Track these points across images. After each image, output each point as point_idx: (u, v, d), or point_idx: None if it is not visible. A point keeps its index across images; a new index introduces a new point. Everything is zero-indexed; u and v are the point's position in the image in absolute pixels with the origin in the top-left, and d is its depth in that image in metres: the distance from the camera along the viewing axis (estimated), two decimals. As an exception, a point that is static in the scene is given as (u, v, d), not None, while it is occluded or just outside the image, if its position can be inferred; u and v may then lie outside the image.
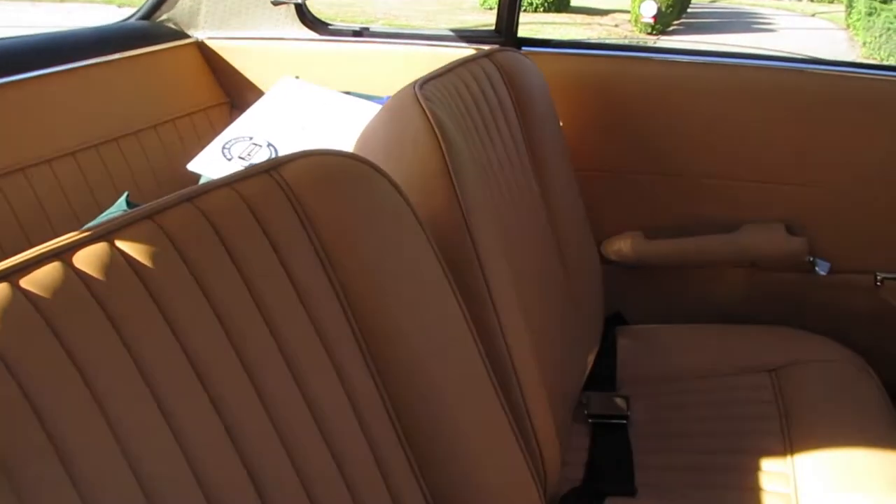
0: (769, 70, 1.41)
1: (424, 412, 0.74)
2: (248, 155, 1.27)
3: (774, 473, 1.04)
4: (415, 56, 1.52)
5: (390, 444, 0.72)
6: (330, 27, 1.61)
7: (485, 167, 1.06)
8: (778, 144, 1.40)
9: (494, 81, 1.18)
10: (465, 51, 1.47)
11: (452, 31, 1.55)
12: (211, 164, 1.26)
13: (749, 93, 1.40)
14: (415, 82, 0.97)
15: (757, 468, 1.05)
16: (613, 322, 1.43)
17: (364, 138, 0.96)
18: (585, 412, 1.20)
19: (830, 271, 1.43)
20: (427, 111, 0.90)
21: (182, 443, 0.55)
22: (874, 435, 1.06)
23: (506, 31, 1.47)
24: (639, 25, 9.35)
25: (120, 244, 0.57)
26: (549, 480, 0.95)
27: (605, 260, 1.53)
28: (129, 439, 0.53)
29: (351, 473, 0.68)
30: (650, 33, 9.32)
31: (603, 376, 1.28)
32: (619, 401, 1.22)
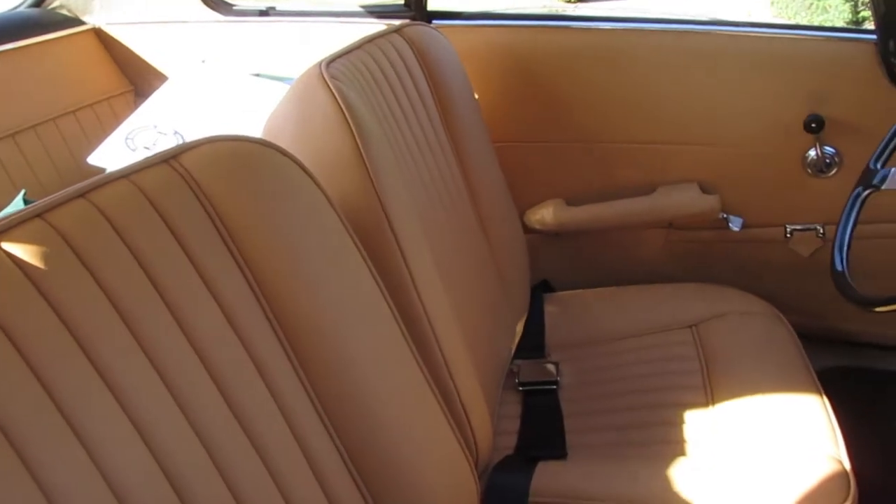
0: (680, 33, 1.43)
1: (350, 399, 0.73)
2: (154, 144, 1.23)
3: (697, 424, 1.07)
4: (325, 33, 1.49)
5: (318, 435, 0.71)
6: (234, 7, 1.56)
7: (399, 144, 1.05)
8: (689, 106, 1.43)
9: (405, 56, 1.17)
10: (377, 26, 1.45)
11: (362, 6, 1.52)
12: (113, 156, 1.21)
13: (661, 56, 1.42)
14: (321, 61, 0.95)
15: (681, 421, 1.09)
16: (540, 290, 1.45)
17: (271, 122, 0.93)
18: (516, 381, 1.22)
19: (743, 226, 1.48)
20: (334, 90, 0.88)
21: (90, 449, 0.53)
22: (788, 380, 1.11)
23: (415, 4, 1.45)
24: (557, -7, 9.39)
25: (7, 246, 0.54)
26: (481, 452, 0.96)
27: (528, 229, 1.54)
28: (29, 447, 0.50)
29: (279, 470, 0.66)
30: (570, 1, 9.36)
31: (532, 344, 1.30)
32: (548, 367, 1.24)
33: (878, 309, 0.95)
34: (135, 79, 1.60)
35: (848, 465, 0.95)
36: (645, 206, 1.49)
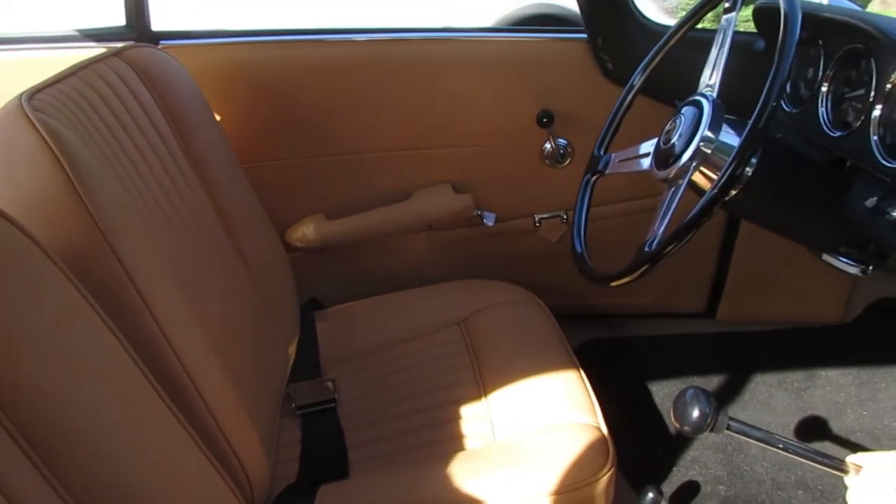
0: (418, 42, 1.46)
1: (91, 465, 0.65)
2: None
3: (473, 417, 1.11)
4: (36, 62, 1.34)
5: None
6: None
7: (130, 177, 0.97)
8: (434, 111, 1.48)
9: (130, 82, 1.09)
10: (96, 51, 1.33)
11: (79, 30, 1.39)
12: None
13: (403, 65, 1.45)
14: (21, 94, 0.86)
15: (458, 417, 1.12)
16: (310, 308, 1.42)
17: (-36, 168, 0.82)
18: (293, 405, 1.18)
19: (496, 221, 1.57)
20: (38, 124, 0.80)
21: None
22: (548, 360, 1.18)
23: (138, 25, 1.35)
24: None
25: None
26: (256, 489, 0.92)
27: (291, 248, 1.51)
28: None
29: None
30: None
31: (306, 364, 1.27)
32: (325, 385, 1.22)
33: (612, 284, 1.04)
34: None
35: (605, 430, 1.04)
36: (403, 212, 1.52)
